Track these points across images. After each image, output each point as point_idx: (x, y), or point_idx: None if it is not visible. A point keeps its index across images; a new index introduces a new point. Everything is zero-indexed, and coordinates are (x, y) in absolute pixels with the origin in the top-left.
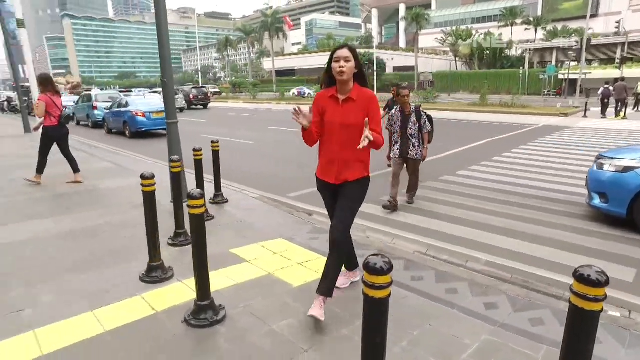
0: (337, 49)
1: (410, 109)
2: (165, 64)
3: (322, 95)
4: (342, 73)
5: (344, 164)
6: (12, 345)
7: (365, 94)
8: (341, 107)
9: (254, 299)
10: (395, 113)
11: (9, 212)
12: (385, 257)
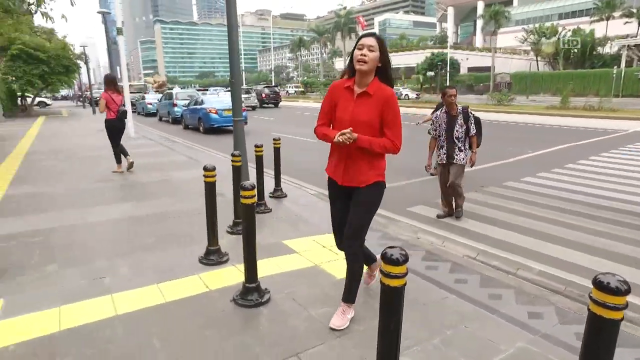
0: (362, 36)
1: (457, 110)
2: (233, 65)
3: (338, 84)
4: (362, 62)
5: (352, 167)
6: (94, 304)
7: (384, 91)
8: (354, 101)
9: (297, 286)
10: (440, 115)
11: (98, 197)
12: (403, 250)
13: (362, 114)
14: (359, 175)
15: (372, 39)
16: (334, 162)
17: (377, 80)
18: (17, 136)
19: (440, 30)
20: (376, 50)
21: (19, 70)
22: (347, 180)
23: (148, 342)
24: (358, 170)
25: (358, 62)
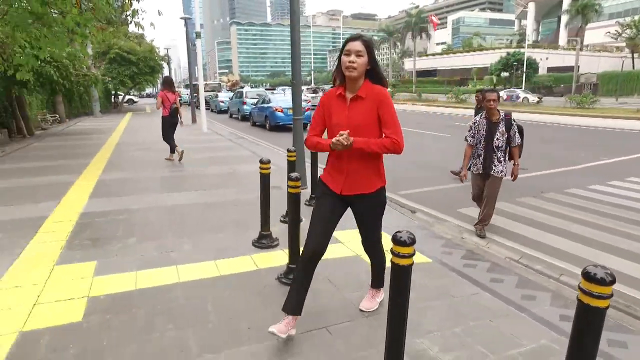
0: (348, 40)
1: (499, 117)
2: (295, 68)
3: (329, 94)
4: (351, 69)
5: (354, 174)
6: (162, 272)
7: (377, 91)
8: (348, 107)
9: (336, 271)
10: (479, 120)
11: (172, 184)
12: (411, 234)
13: (358, 117)
14: (362, 182)
15: (359, 44)
16: (332, 171)
17: (368, 82)
18: (110, 130)
19: (518, 28)
20: (364, 54)
21: (114, 72)
22: (348, 189)
23: (203, 305)
24: (360, 177)
25: (347, 69)
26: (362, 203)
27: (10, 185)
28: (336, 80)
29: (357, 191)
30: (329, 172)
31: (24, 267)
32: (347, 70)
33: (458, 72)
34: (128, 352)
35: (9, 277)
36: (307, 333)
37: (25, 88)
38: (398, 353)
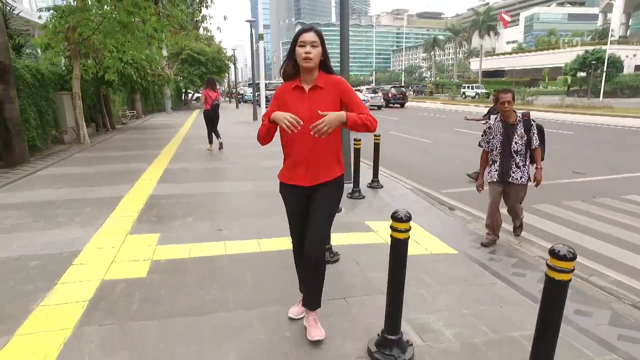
0: (301, 32)
1: (517, 118)
2: (343, 69)
3: (283, 88)
4: (308, 59)
5: (316, 164)
6: (212, 246)
7: (333, 80)
8: (308, 97)
9: (363, 255)
10: (494, 124)
11: (228, 174)
12: (407, 212)
13: (319, 106)
14: (325, 170)
15: (313, 34)
16: (291, 165)
17: (322, 73)
18: (179, 125)
19: (602, 23)
20: (318, 45)
21: (185, 72)
22: (311, 179)
23: (242, 273)
24: (325, 166)
25: (304, 60)
26: (320, 192)
27: (96, 171)
28: (284, 74)
29: (319, 181)
30: (289, 169)
31: (105, 234)
32: (304, 61)
33: (528, 73)
34: (179, 302)
35: (94, 241)
36: (328, 301)
37: (111, 87)
38: (396, 317)
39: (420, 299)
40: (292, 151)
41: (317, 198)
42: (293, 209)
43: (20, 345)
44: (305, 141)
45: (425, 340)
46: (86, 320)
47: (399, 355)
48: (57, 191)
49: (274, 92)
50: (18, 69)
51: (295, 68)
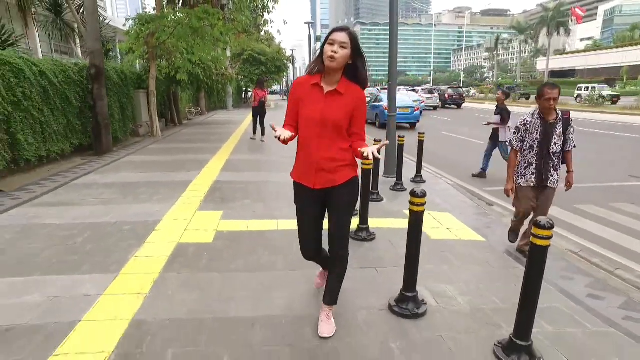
0: (334, 30)
1: (557, 117)
2: (392, 68)
3: (302, 81)
4: (332, 58)
5: (324, 167)
6: (266, 222)
7: (355, 91)
8: (324, 99)
9: (398, 237)
10: (532, 121)
11: (281, 166)
12: (424, 190)
13: (333, 113)
14: (336, 174)
15: (344, 35)
16: (301, 165)
17: (344, 79)
18: (239, 121)
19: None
20: (348, 47)
21: (246, 71)
22: (319, 183)
23: (289, 244)
24: (335, 170)
25: (328, 58)
26: (335, 195)
27: (168, 159)
28: (314, 69)
29: (329, 184)
30: (299, 168)
31: (178, 210)
32: (328, 59)
33: (603, 72)
34: (238, 262)
35: (170, 214)
36: (361, 269)
37: (180, 86)
38: (413, 277)
39: (442, 273)
40: (303, 151)
41: (332, 201)
42: (303, 207)
43: (125, 280)
44: (315, 145)
45: (439, 303)
46: (168, 268)
47: (414, 310)
48: (138, 175)
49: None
50: (108, 71)
51: (322, 67)
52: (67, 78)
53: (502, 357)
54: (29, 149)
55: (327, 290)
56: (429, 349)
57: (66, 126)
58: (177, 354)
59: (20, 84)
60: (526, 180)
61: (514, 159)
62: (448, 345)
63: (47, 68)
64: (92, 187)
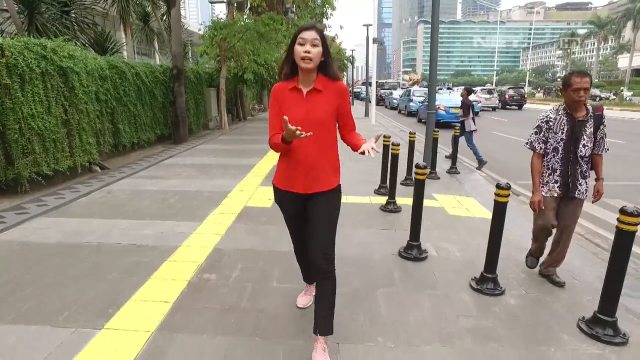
0: (301, 29)
1: (588, 113)
2: (432, 69)
3: (280, 88)
4: (307, 59)
5: (312, 170)
6: None
7: (333, 85)
8: (305, 100)
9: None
10: (556, 118)
11: None
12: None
13: (317, 110)
14: (324, 178)
15: (314, 32)
16: (286, 170)
17: (321, 76)
18: None
19: None
20: (319, 44)
21: None
22: (309, 187)
23: (358, 214)
24: (323, 174)
25: (303, 60)
26: (320, 202)
27: (235, 148)
28: (282, 72)
29: (315, 189)
30: (284, 174)
31: (244, 184)
32: (303, 61)
33: None
34: None
35: (237, 187)
36: (382, 230)
37: (246, 85)
38: (417, 231)
39: (449, 237)
40: (289, 156)
41: (317, 209)
42: (290, 214)
43: (207, 226)
44: (301, 145)
45: (439, 254)
46: (237, 221)
47: (417, 255)
48: (210, 159)
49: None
50: (186, 71)
51: (293, 67)
52: (155, 78)
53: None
54: (126, 136)
55: (319, 319)
56: (420, 278)
57: (152, 118)
58: (244, 266)
59: (122, 84)
60: (548, 190)
61: (537, 164)
62: (436, 277)
63: (140, 70)
64: (176, 166)
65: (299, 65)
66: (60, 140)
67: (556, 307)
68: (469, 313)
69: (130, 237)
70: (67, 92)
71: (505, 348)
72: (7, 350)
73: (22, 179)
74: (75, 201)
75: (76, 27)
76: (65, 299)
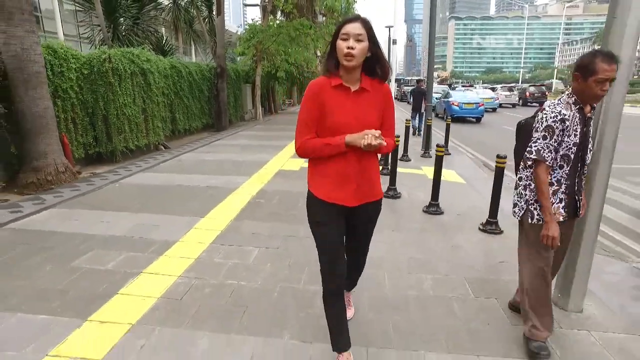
0: (345, 22)
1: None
2: (430, 65)
3: (321, 84)
4: (350, 56)
5: (364, 180)
6: None
7: (380, 86)
8: (354, 100)
9: (407, 178)
10: (570, 114)
11: None
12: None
13: (368, 114)
14: (374, 188)
15: (359, 25)
16: (338, 181)
17: (364, 75)
18: None
19: None
20: (365, 39)
21: None
22: (360, 199)
23: None
24: (372, 183)
25: (345, 56)
26: (367, 214)
27: (269, 134)
28: (327, 69)
29: (367, 200)
30: (332, 185)
31: (278, 158)
32: (344, 58)
33: None
34: None
35: (273, 160)
36: None
37: (277, 82)
38: (394, 183)
39: (422, 190)
40: (336, 164)
41: (363, 222)
42: (332, 232)
43: (254, 179)
44: (353, 156)
45: (409, 196)
46: (275, 177)
47: (393, 195)
48: (250, 141)
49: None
50: (227, 70)
51: (336, 65)
52: (203, 75)
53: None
54: (181, 123)
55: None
56: (391, 207)
57: (200, 109)
58: (280, 197)
59: (179, 81)
60: (556, 211)
61: (545, 179)
62: (400, 207)
63: (192, 69)
64: (224, 146)
65: (340, 62)
66: (140, 123)
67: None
68: (417, 222)
69: (205, 182)
70: (145, 87)
71: (430, 234)
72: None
73: (117, 151)
74: (159, 165)
75: (143, 34)
76: (176, 210)
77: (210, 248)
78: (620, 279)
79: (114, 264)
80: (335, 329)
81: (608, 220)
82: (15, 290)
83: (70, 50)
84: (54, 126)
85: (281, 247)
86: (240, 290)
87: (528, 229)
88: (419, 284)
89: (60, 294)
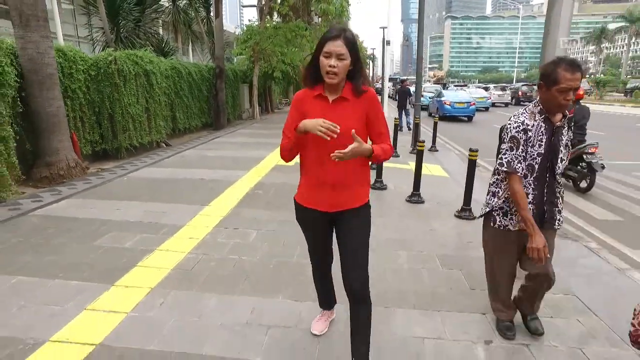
0: (327, 39)
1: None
2: (419, 66)
3: (303, 95)
4: (333, 75)
5: (341, 187)
6: None
7: (363, 92)
8: (332, 109)
9: (394, 172)
10: (534, 124)
11: None
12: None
13: (344, 122)
14: (354, 196)
15: (341, 43)
16: (311, 186)
17: (349, 83)
18: None
19: None
20: (347, 57)
21: None
22: (336, 205)
23: None
24: (353, 190)
25: (327, 74)
26: (352, 220)
27: (265, 132)
28: (306, 79)
29: (345, 206)
30: (308, 191)
31: (273, 155)
32: (327, 76)
33: None
34: None
35: (269, 156)
36: None
37: (274, 81)
38: (380, 175)
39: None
40: (314, 171)
41: (349, 228)
42: (314, 234)
43: (253, 173)
44: (330, 162)
45: (395, 188)
46: (271, 170)
47: (380, 186)
48: (247, 139)
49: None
50: (226, 70)
51: (317, 75)
52: (202, 76)
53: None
54: (181, 122)
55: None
56: (377, 197)
57: (199, 109)
58: (277, 189)
59: (179, 81)
60: (517, 222)
61: (519, 190)
62: (385, 197)
63: (192, 69)
64: (223, 143)
65: (324, 79)
66: (143, 122)
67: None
68: (400, 209)
69: (207, 176)
70: (148, 87)
71: (410, 219)
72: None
73: (122, 147)
74: (162, 160)
75: (144, 36)
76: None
77: (214, 231)
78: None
79: (131, 243)
80: (321, 295)
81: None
82: (50, 263)
83: (78, 52)
84: (65, 124)
85: (277, 230)
86: (242, 263)
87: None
88: (395, 259)
89: (88, 266)
